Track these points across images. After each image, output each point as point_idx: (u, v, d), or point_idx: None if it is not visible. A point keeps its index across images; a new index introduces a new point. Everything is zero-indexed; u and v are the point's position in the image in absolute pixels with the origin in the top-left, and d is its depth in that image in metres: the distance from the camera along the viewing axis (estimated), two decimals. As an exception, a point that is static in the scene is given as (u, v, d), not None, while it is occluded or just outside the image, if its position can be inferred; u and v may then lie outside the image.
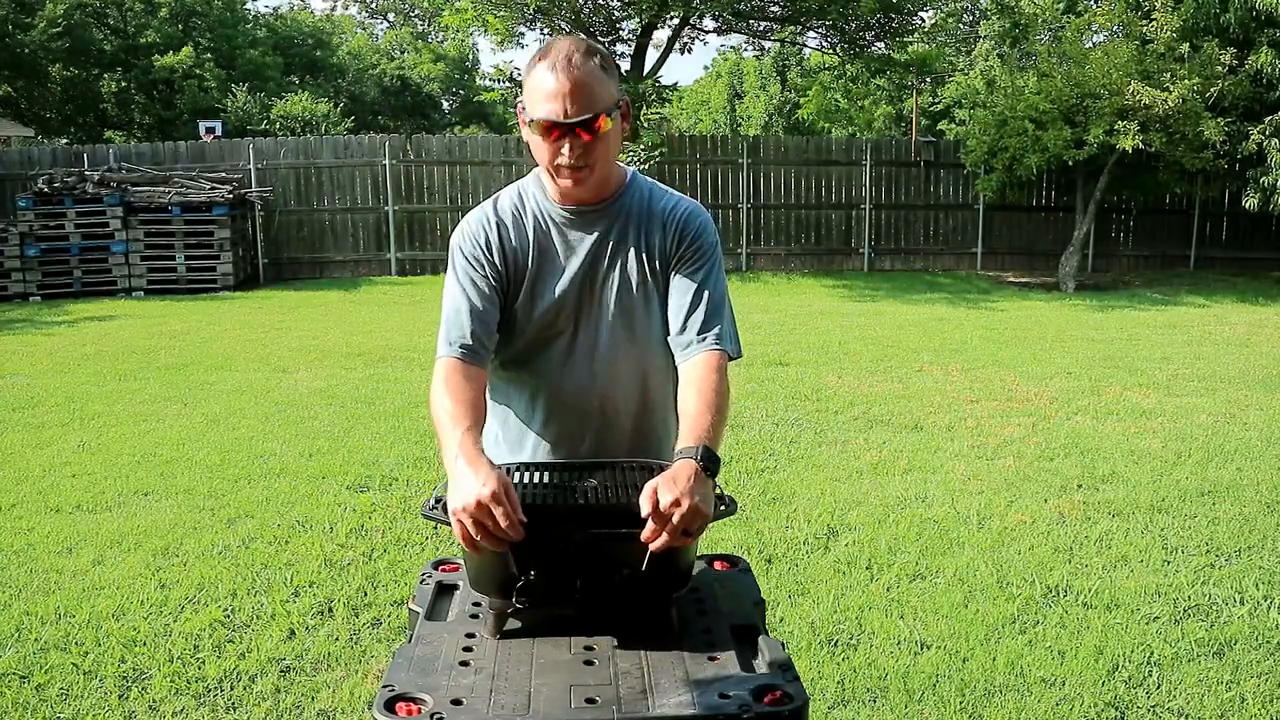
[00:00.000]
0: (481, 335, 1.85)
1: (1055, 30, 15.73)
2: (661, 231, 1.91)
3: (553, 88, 1.74)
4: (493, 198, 1.98)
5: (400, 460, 5.41)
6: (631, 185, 1.94)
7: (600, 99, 1.76)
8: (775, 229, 15.37)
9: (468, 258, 1.90)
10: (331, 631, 3.43)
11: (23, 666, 3.19)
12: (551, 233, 1.91)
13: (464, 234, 1.94)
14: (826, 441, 5.77)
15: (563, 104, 1.74)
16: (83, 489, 4.98)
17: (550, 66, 1.75)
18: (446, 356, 1.82)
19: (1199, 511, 4.57)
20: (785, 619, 3.50)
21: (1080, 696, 2.99)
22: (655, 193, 1.96)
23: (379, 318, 10.91)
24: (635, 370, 1.91)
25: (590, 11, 15.10)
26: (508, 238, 1.91)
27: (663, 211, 1.92)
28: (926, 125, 26.46)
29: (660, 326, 1.91)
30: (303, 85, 30.31)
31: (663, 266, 1.91)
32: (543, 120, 1.76)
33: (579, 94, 1.74)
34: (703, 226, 1.93)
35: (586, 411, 1.90)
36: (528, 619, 1.55)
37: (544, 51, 1.79)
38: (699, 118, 40.80)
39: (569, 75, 1.74)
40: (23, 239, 12.68)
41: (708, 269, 1.91)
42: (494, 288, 1.88)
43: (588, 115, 1.75)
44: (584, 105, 1.74)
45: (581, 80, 1.74)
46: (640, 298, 1.90)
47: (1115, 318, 10.90)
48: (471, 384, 1.78)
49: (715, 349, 1.83)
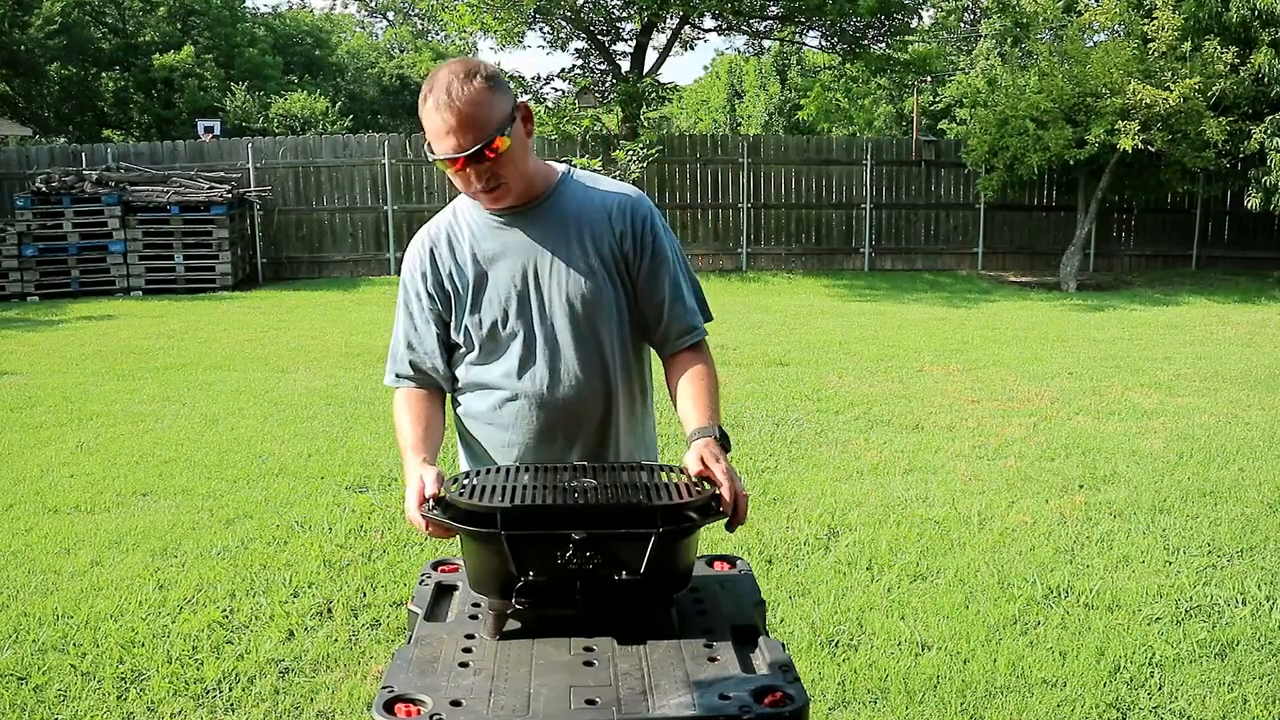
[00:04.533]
0: (419, 363, 1.99)
1: (1056, 29, 15.72)
2: (607, 225, 1.92)
3: (440, 124, 1.76)
4: (433, 219, 2.03)
5: (399, 460, 5.39)
6: (563, 183, 1.96)
7: (490, 120, 1.76)
8: (775, 229, 15.36)
9: (407, 286, 2.00)
10: (330, 632, 3.42)
11: (21, 667, 3.18)
12: (486, 240, 1.94)
13: (407, 262, 2.01)
14: (827, 441, 5.76)
15: (455, 139, 1.76)
16: (81, 489, 4.97)
17: (436, 105, 1.76)
18: (393, 388, 2.02)
19: (1201, 512, 4.56)
20: (786, 619, 3.49)
21: (1081, 697, 2.98)
22: (590, 188, 1.97)
23: (378, 317, 10.90)
24: (595, 363, 1.93)
25: (590, 11, 15.09)
26: (442, 258, 1.95)
27: (603, 205, 1.94)
28: (927, 124, 26.45)
29: (618, 319, 1.94)
30: (302, 84, 30.31)
31: (615, 257, 1.93)
32: (442, 160, 1.79)
33: (467, 124, 1.75)
34: (647, 214, 1.96)
35: (553, 408, 1.93)
36: (527, 619, 1.54)
37: (429, 87, 1.79)
38: (699, 117, 40.81)
39: (452, 109, 1.74)
40: (20, 238, 12.67)
41: (665, 258, 1.95)
42: (434, 310, 1.97)
43: (481, 143, 1.76)
44: (475, 134, 1.76)
45: (465, 110, 1.74)
46: (589, 290, 1.91)
47: (1117, 317, 10.89)
48: (416, 405, 1.96)
49: (695, 341, 1.97)
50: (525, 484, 1.59)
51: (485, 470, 1.68)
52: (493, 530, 1.49)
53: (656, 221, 1.97)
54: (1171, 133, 12.36)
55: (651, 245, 1.94)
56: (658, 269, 1.95)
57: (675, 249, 2.00)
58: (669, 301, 1.95)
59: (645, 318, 1.97)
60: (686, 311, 1.97)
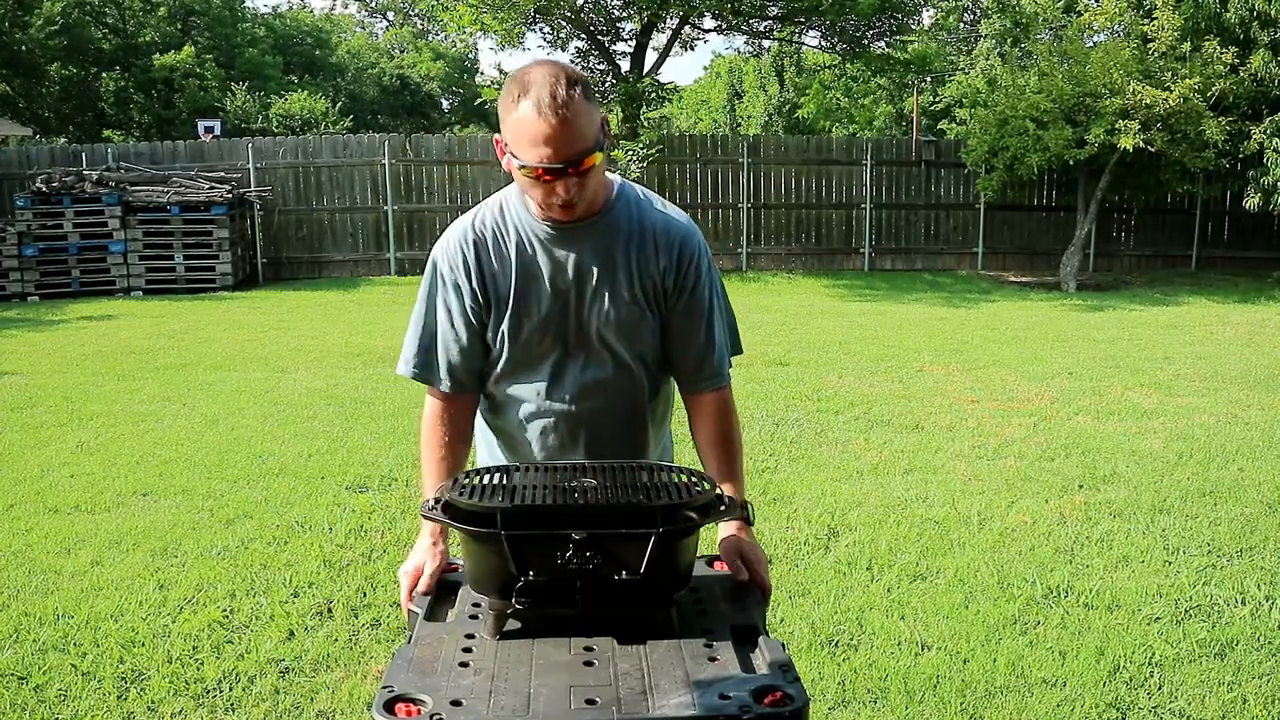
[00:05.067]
0: (463, 369, 1.89)
1: (1056, 29, 15.73)
2: (654, 253, 1.85)
3: (539, 131, 1.65)
4: (474, 212, 1.91)
5: (399, 460, 5.40)
6: (620, 198, 1.87)
7: (589, 134, 1.68)
8: (775, 229, 15.36)
9: (445, 280, 1.87)
10: (330, 632, 3.42)
11: (21, 667, 3.18)
12: (536, 251, 1.85)
13: (444, 253, 1.88)
14: (827, 441, 5.76)
15: (552, 148, 1.66)
16: (81, 489, 4.97)
17: (535, 106, 1.65)
18: (432, 389, 1.91)
19: (1200, 512, 4.56)
20: (785, 619, 3.49)
21: (1081, 697, 2.98)
22: (645, 206, 1.89)
23: (378, 318, 10.90)
24: (624, 388, 1.90)
25: (590, 11, 15.09)
26: (488, 259, 1.85)
27: (655, 232, 1.86)
28: (927, 124, 26.44)
29: (651, 344, 1.89)
30: (302, 84, 30.31)
31: (655, 289, 1.86)
32: (533, 167, 1.68)
33: (568, 136, 1.65)
34: (693, 253, 1.87)
35: (581, 427, 1.90)
36: (527, 619, 1.55)
37: (523, 84, 1.68)
38: (699, 117, 40.82)
39: (556, 116, 1.64)
40: (21, 239, 12.67)
41: (701, 301, 1.89)
42: (475, 310, 1.86)
43: (577, 157, 1.67)
44: (574, 147, 1.67)
45: (569, 120, 1.64)
46: (627, 318, 1.86)
47: (1116, 317, 10.89)
48: (447, 428, 1.90)
49: (722, 387, 1.92)
50: (525, 484, 1.59)
51: (485, 470, 1.69)
52: (493, 530, 1.49)
53: (701, 262, 1.89)
54: (1171, 133, 12.36)
55: (691, 287, 1.87)
56: (692, 311, 1.88)
57: (716, 288, 1.93)
58: (699, 345, 1.90)
59: (672, 354, 1.92)
60: (715, 356, 1.91)
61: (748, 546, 1.78)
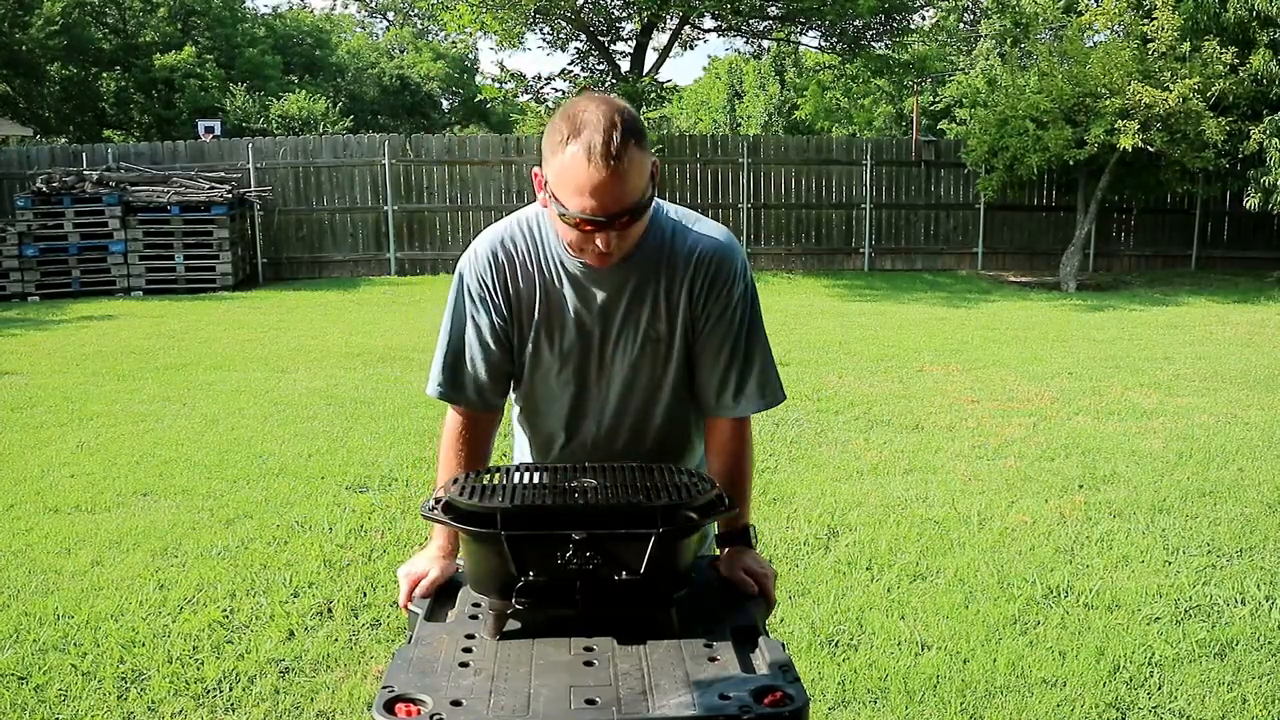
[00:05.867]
0: (490, 387, 1.84)
1: (1056, 29, 15.73)
2: (687, 276, 1.75)
3: (587, 181, 1.53)
4: (504, 227, 1.81)
5: (400, 460, 5.40)
6: (654, 225, 1.74)
7: (638, 187, 1.56)
8: (775, 229, 15.37)
9: (472, 295, 1.79)
10: (331, 632, 3.42)
11: (21, 667, 3.18)
12: (564, 283, 1.76)
13: (471, 268, 1.80)
14: (827, 441, 5.76)
15: (598, 201, 1.54)
16: (81, 489, 4.97)
17: (585, 152, 1.52)
18: (458, 407, 1.85)
19: (1200, 512, 4.56)
20: (785, 619, 3.49)
21: (1081, 697, 2.99)
22: (678, 230, 1.77)
23: (378, 318, 10.90)
24: (644, 419, 1.87)
25: (590, 11, 15.10)
26: (515, 278, 1.77)
27: (688, 255, 1.75)
28: (927, 124, 26.45)
29: (675, 372, 1.83)
30: (302, 84, 30.30)
31: (686, 310, 1.77)
32: (577, 218, 1.57)
33: (617, 190, 1.54)
34: (729, 275, 1.76)
35: (594, 455, 1.88)
36: (527, 619, 1.55)
37: (574, 124, 1.54)
38: (699, 117, 40.82)
39: (606, 168, 1.51)
40: (21, 239, 12.67)
41: (740, 323, 1.79)
42: (504, 329, 1.80)
43: (623, 212, 1.56)
44: (622, 202, 1.55)
45: (621, 173, 1.52)
46: (652, 356, 1.80)
47: (1116, 317, 10.89)
48: (468, 447, 1.85)
49: (742, 418, 1.86)
50: (525, 484, 1.59)
51: (485, 470, 1.69)
52: (492, 530, 1.49)
53: (734, 288, 1.78)
54: (1171, 133, 12.36)
55: (719, 314, 1.78)
56: (729, 329, 1.79)
57: (748, 318, 1.82)
58: (720, 370, 1.82)
59: (696, 375, 1.85)
60: (736, 387, 1.82)
61: (754, 560, 1.76)
